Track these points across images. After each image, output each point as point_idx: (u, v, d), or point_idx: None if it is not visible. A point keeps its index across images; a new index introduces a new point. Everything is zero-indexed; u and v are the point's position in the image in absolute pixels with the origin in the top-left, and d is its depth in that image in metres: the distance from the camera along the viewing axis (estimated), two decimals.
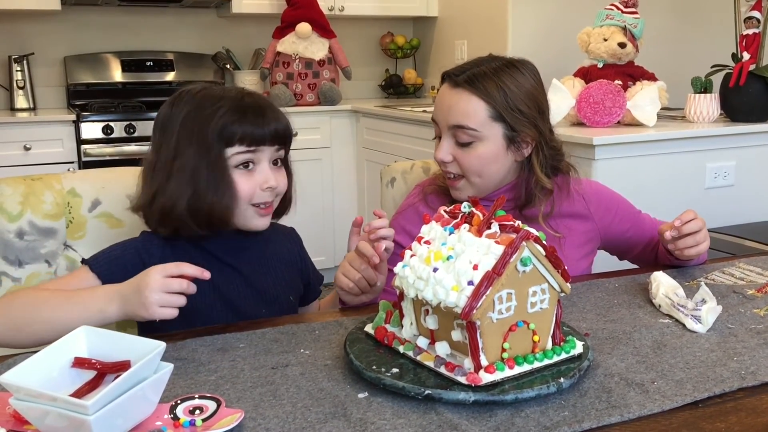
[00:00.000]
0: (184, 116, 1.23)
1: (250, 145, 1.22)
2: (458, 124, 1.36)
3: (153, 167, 1.25)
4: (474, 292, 0.86)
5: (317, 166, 3.74)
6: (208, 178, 1.20)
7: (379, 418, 0.83)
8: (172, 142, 1.23)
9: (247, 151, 1.22)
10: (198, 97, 1.25)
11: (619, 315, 1.17)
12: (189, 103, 1.24)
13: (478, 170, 1.39)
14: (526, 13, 3.45)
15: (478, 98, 1.35)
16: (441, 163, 1.41)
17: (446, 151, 1.39)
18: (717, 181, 2.44)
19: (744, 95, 2.47)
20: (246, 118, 1.21)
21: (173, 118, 1.24)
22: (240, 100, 1.23)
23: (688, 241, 1.34)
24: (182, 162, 1.21)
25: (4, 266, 1.38)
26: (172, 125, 1.24)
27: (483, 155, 1.37)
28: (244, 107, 1.22)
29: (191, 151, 1.21)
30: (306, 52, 3.77)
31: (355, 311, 1.23)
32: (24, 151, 3.20)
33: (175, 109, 1.25)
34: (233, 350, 1.05)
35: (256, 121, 1.22)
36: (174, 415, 0.83)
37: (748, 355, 1.00)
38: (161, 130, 1.26)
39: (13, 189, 1.39)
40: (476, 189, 1.41)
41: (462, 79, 1.37)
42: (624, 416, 0.84)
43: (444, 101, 1.39)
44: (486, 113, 1.35)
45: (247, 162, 1.23)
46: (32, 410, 0.77)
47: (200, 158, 1.20)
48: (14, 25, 3.67)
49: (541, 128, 1.39)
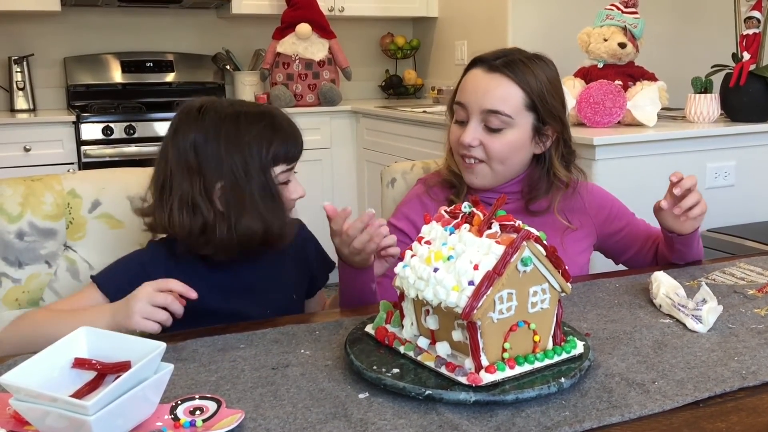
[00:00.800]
0: (223, 141, 1.19)
1: (290, 163, 1.25)
2: (493, 108, 1.36)
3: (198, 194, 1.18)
4: (475, 292, 0.86)
5: (317, 167, 3.74)
6: (269, 203, 1.21)
7: (379, 419, 0.83)
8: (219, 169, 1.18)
9: (288, 169, 1.25)
10: (226, 117, 1.20)
11: (619, 315, 1.17)
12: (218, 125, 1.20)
13: (503, 157, 1.39)
14: (526, 13, 3.45)
15: (516, 85, 1.36)
16: (466, 146, 1.39)
17: (474, 136, 1.38)
18: (717, 181, 2.44)
19: (744, 95, 2.46)
20: (286, 135, 1.24)
21: (206, 142, 1.19)
22: (271, 117, 1.24)
23: (691, 199, 1.32)
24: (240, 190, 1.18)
25: (4, 267, 1.38)
26: (208, 149, 1.19)
27: (511, 143, 1.38)
28: (277, 124, 1.24)
29: (246, 178, 1.19)
30: (306, 53, 3.77)
31: (355, 312, 1.23)
32: (24, 152, 3.20)
33: (201, 131, 1.19)
34: (233, 351, 1.05)
35: (293, 138, 1.25)
36: (174, 416, 0.83)
37: (749, 354, 1.00)
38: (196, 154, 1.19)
39: (14, 190, 1.39)
40: (494, 177, 1.42)
41: (499, 63, 1.37)
42: (625, 416, 0.84)
43: (479, 85, 1.38)
44: (521, 101, 1.37)
45: (287, 179, 1.25)
46: (32, 411, 0.77)
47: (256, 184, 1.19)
48: (14, 26, 3.67)
49: (565, 123, 1.42)
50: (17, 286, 1.39)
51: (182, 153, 1.20)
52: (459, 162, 1.45)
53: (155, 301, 1.07)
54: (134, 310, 1.06)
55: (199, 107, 1.22)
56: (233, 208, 1.19)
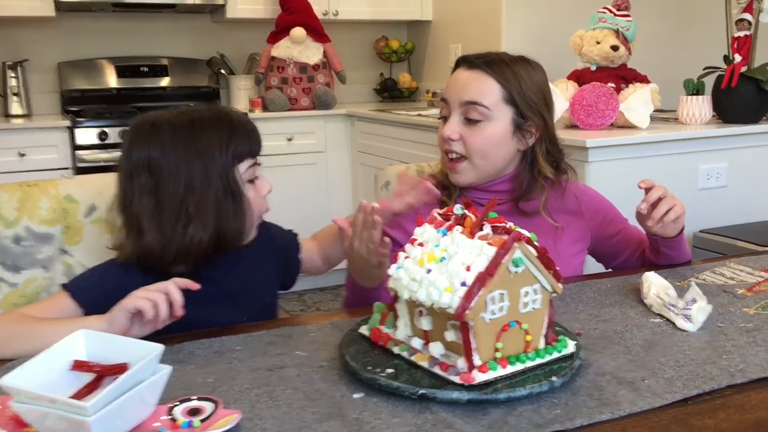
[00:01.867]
0: (181, 151, 1.17)
1: (253, 156, 1.23)
2: (471, 100, 1.39)
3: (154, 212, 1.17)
4: (467, 293, 0.88)
5: (312, 170, 3.75)
6: (230, 206, 1.18)
7: (374, 418, 0.85)
8: (176, 181, 1.16)
9: (253, 164, 1.23)
10: (180, 126, 1.18)
11: (611, 315, 1.18)
12: (174, 136, 1.18)
13: (483, 151, 1.41)
14: (520, 16, 3.48)
15: (493, 79, 1.40)
16: (446, 140, 1.42)
17: (454, 129, 1.41)
18: (710, 182, 2.46)
19: (736, 97, 2.49)
20: (244, 132, 1.22)
21: (162, 156, 1.17)
22: (226, 116, 1.22)
23: (662, 207, 1.34)
24: (199, 199, 1.17)
25: (2, 272, 1.39)
26: (165, 163, 1.16)
27: (490, 136, 1.40)
28: (233, 122, 1.22)
29: (206, 185, 1.16)
30: (300, 57, 3.78)
31: (350, 314, 1.25)
32: (19, 158, 3.20)
33: (156, 146, 1.17)
34: (230, 353, 1.06)
35: (249, 132, 1.23)
36: (172, 417, 0.84)
37: (737, 353, 1.02)
38: (150, 172, 1.17)
39: (10, 195, 1.40)
40: (477, 173, 1.43)
41: (480, 61, 1.42)
42: (615, 413, 0.85)
43: (459, 80, 1.43)
44: (499, 94, 1.40)
45: (255, 175, 1.24)
46: (32, 412, 0.78)
47: (217, 188, 1.17)
48: (8, 32, 3.68)
49: (548, 121, 1.44)
50: (14, 291, 1.40)
51: (129, 173, 1.19)
52: (444, 161, 1.48)
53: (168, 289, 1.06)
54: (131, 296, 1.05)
55: (152, 123, 1.20)
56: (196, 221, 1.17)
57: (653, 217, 1.35)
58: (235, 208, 1.19)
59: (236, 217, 1.19)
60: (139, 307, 1.04)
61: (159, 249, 1.18)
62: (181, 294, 1.07)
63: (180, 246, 1.18)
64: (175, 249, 1.18)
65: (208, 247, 1.19)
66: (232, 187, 1.19)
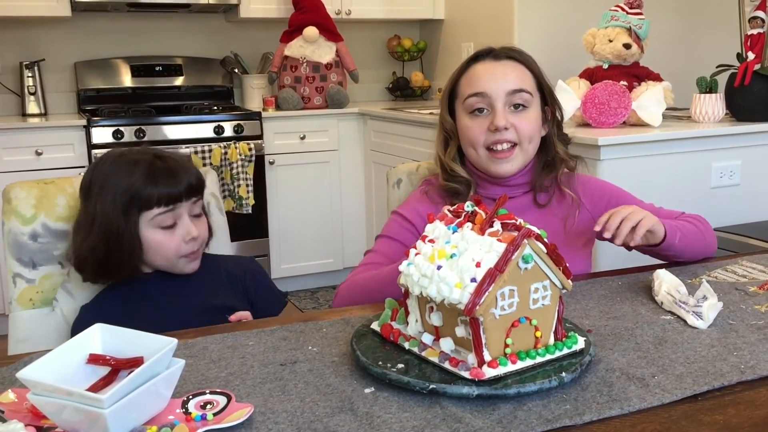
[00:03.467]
0: (102, 183, 1.34)
1: (168, 204, 1.34)
2: (516, 87, 1.43)
3: (78, 225, 1.38)
4: (477, 288, 0.88)
5: (325, 169, 3.77)
6: (118, 240, 1.32)
7: (385, 412, 0.86)
8: (91, 206, 1.34)
9: (167, 210, 1.34)
10: (115, 164, 1.35)
11: (621, 312, 1.19)
12: (107, 169, 1.35)
13: (531, 135, 1.45)
14: (532, 15, 3.47)
15: (525, 67, 1.46)
16: (500, 129, 1.41)
17: (507, 117, 1.42)
18: (723, 181, 2.45)
19: (749, 95, 2.48)
20: (159, 182, 1.32)
21: (93, 184, 1.35)
22: (151, 165, 1.33)
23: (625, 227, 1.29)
24: (99, 223, 1.32)
25: (19, 268, 1.41)
26: (92, 190, 1.35)
27: (535, 120, 1.46)
28: (155, 172, 1.33)
29: (108, 215, 1.31)
30: (313, 56, 3.80)
31: (361, 310, 1.26)
32: (36, 156, 3.24)
33: (95, 174, 1.36)
34: (242, 348, 1.07)
35: (169, 182, 1.33)
36: (186, 410, 0.86)
37: (748, 350, 1.02)
38: (85, 194, 1.37)
39: (27, 192, 1.42)
40: (523, 159, 1.46)
41: (503, 52, 1.47)
42: (624, 409, 0.86)
43: (495, 71, 1.45)
44: (532, 81, 1.46)
45: (170, 222, 1.35)
46: (49, 405, 0.80)
47: (114, 222, 1.31)
48: (25, 32, 3.72)
49: (559, 103, 1.51)
50: (31, 287, 1.42)
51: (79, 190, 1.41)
52: (483, 156, 1.45)
53: None
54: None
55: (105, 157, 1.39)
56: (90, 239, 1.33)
57: (618, 236, 1.30)
58: (118, 245, 1.32)
59: (119, 252, 1.33)
60: None
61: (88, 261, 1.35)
62: None
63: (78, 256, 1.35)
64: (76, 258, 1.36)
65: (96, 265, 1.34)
66: (128, 226, 1.32)
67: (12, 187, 1.43)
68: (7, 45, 3.69)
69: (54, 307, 1.43)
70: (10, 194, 1.42)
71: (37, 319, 1.42)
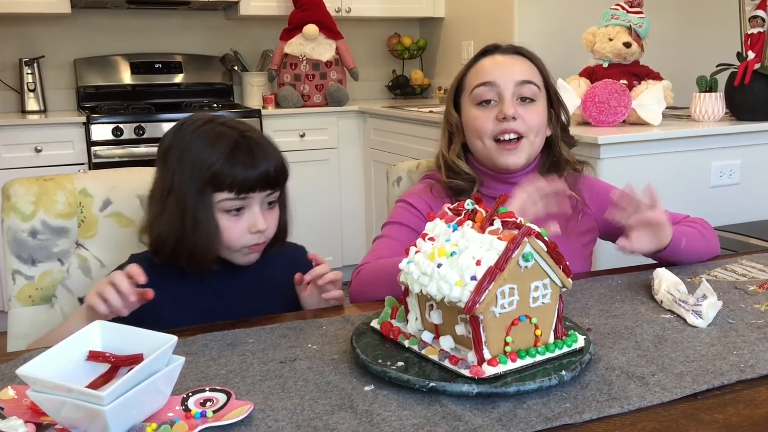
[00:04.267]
0: (183, 150, 1.24)
1: (239, 193, 1.23)
2: (525, 79, 1.43)
3: (152, 195, 1.29)
4: (477, 287, 0.88)
5: (324, 167, 3.77)
6: (194, 220, 1.22)
7: (384, 410, 0.86)
8: (168, 175, 1.25)
9: (236, 198, 1.23)
10: (199, 132, 1.25)
11: (621, 311, 1.19)
12: (189, 138, 1.25)
13: (537, 128, 1.45)
14: (532, 13, 3.47)
15: (533, 64, 1.47)
16: (508, 119, 1.41)
17: (514, 107, 1.42)
18: (722, 180, 2.45)
19: (749, 94, 2.48)
20: (236, 165, 1.22)
21: (172, 150, 1.25)
22: (235, 143, 1.23)
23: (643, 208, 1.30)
24: (175, 198, 1.23)
25: (18, 264, 1.41)
26: (171, 158, 1.25)
27: (541, 113, 1.46)
28: (236, 152, 1.22)
29: (184, 190, 1.22)
30: (313, 54, 3.80)
31: (360, 308, 1.26)
32: (35, 153, 3.24)
33: (176, 139, 1.26)
34: (242, 345, 1.07)
35: (246, 168, 1.22)
36: (186, 407, 0.86)
37: (747, 349, 1.02)
38: (162, 159, 1.28)
39: (26, 189, 1.42)
40: (529, 152, 1.45)
41: (511, 48, 1.48)
42: (624, 408, 0.86)
43: (505, 63, 1.46)
44: (539, 78, 1.47)
45: (237, 208, 1.24)
46: (48, 401, 0.80)
47: (191, 199, 1.22)
48: (25, 29, 3.71)
49: (565, 107, 1.51)
50: (30, 283, 1.41)
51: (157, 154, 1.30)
52: (491, 148, 1.44)
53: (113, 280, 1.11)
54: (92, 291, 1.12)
55: (186, 120, 1.28)
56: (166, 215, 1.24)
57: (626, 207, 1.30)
58: (194, 226, 1.22)
59: (202, 235, 1.22)
60: (92, 305, 1.11)
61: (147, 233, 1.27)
62: (128, 282, 1.12)
63: (155, 234, 1.25)
64: (152, 235, 1.26)
65: (173, 252, 1.24)
66: (205, 207, 1.22)
67: (11, 183, 1.43)
68: (6, 41, 3.68)
69: (53, 304, 1.43)
70: (10, 191, 1.41)
71: (36, 316, 1.42)
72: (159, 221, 1.24)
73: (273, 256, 1.35)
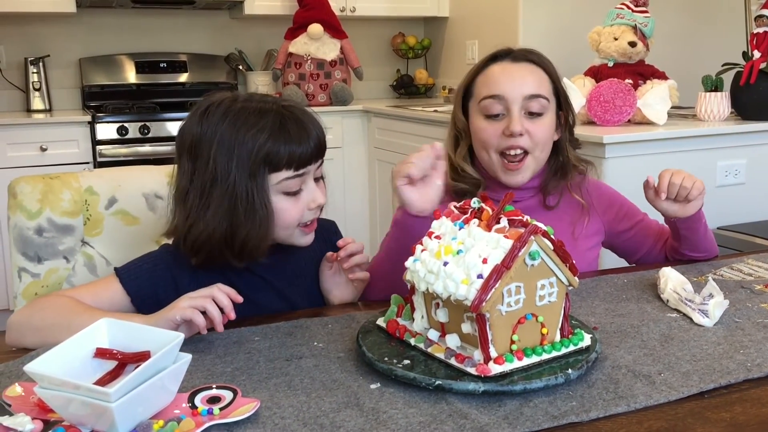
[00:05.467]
0: (219, 137, 1.13)
1: (297, 169, 1.15)
2: (534, 93, 1.40)
3: (186, 193, 1.15)
4: (483, 285, 0.88)
5: (329, 166, 3.70)
6: (248, 207, 1.12)
7: (391, 408, 0.86)
8: (209, 166, 1.13)
9: (296, 175, 1.15)
10: (232, 115, 1.14)
11: (627, 309, 1.18)
12: (223, 121, 1.14)
13: (544, 143, 1.43)
14: (537, 12, 3.47)
15: (543, 71, 1.44)
16: (515, 135, 1.39)
17: (523, 123, 1.40)
18: (728, 179, 2.44)
19: (755, 93, 2.47)
20: (291, 140, 1.13)
21: (205, 138, 1.14)
22: (281, 118, 1.14)
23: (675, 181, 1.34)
24: (223, 189, 1.12)
25: (24, 262, 1.41)
26: (205, 147, 1.13)
27: (549, 127, 1.44)
28: (286, 127, 1.13)
29: (232, 178, 1.12)
30: (318, 53, 3.80)
31: (366, 306, 1.26)
32: (40, 152, 3.24)
33: (205, 127, 1.14)
34: (249, 343, 1.07)
35: (300, 140, 1.14)
36: (192, 404, 0.86)
37: (754, 348, 1.02)
38: (191, 151, 1.15)
39: (32, 187, 1.42)
40: (535, 167, 1.44)
41: (523, 54, 1.45)
42: (630, 406, 0.86)
43: (513, 74, 1.42)
44: (550, 86, 1.44)
45: (297, 188, 1.16)
46: (56, 398, 0.80)
47: (242, 185, 1.12)
48: (30, 28, 3.72)
49: (573, 108, 1.49)
50: (36, 281, 1.42)
51: (178, 149, 1.19)
52: (496, 162, 1.43)
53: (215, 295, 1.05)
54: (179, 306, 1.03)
55: (210, 103, 1.18)
56: (213, 208, 1.13)
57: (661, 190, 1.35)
58: (257, 213, 1.13)
59: (256, 222, 1.13)
60: (186, 317, 1.02)
61: (184, 232, 1.15)
62: (228, 299, 1.06)
63: (196, 233, 1.14)
64: (192, 235, 1.14)
65: (220, 244, 1.14)
66: (260, 191, 1.13)
67: (17, 181, 1.43)
68: (12, 41, 3.69)
69: None
70: (16, 189, 1.42)
71: None
72: (202, 218, 1.13)
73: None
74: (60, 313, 1.11)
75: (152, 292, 1.18)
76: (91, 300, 1.15)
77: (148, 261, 1.23)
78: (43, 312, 1.12)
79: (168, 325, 1.02)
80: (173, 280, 1.20)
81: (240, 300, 1.08)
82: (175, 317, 1.03)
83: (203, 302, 1.04)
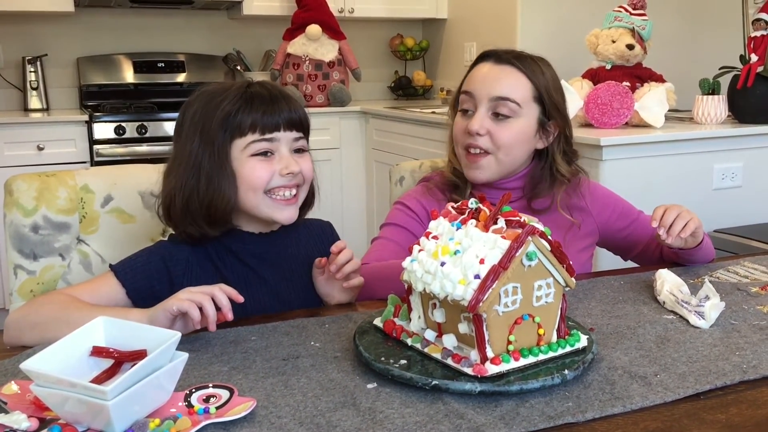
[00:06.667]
0: (192, 113, 1.22)
1: (264, 133, 1.19)
2: (503, 95, 1.39)
3: (166, 171, 1.25)
4: (480, 285, 0.88)
5: (327, 167, 3.76)
6: (209, 171, 1.18)
7: (387, 407, 0.86)
8: (183, 143, 1.22)
9: (263, 139, 1.19)
10: (206, 93, 1.23)
11: (624, 311, 1.19)
12: (198, 100, 1.23)
13: (509, 147, 1.41)
14: (535, 14, 3.47)
15: (524, 76, 1.41)
16: (473, 135, 1.40)
17: (482, 123, 1.40)
18: (724, 182, 2.45)
19: (752, 97, 2.48)
20: (253, 106, 1.19)
21: (184, 123, 1.24)
22: (246, 89, 1.21)
23: (678, 224, 1.33)
24: (190, 160, 1.20)
25: (20, 259, 1.41)
26: (183, 130, 1.23)
27: (518, 132, 1.41)
28: (250, 96, 1.20)
29: (194, 145, 1.20)
30: (316, 54, 3.80)
31: (363, 306, 1.26)
32: (37, 151, 3.24)
33: (187, 109, 1.25)
34: (245, 343, 1.07)
35: (264, 108, 1.19)
36: (189, 403, 0.86)
37: (750, 349, 1.02)
38: (176, 132, 1.26)
39: (28, 184, 1.42)
40: (498, 169, 1.43)
41: (509, 56, 1.43)
42: (626, 407, 0.86)
43: (488, 74, 1.42)
44: (530, 92, 1.41)
45: (265, 151, 1.20)
46: (52, 396, 0.80)
47: (202, 151, 1.19)
48: (28, 27, 3.71)
49: (567, 120, 1.46)
50: (32, 278, 1.42)
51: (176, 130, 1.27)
52: (462, 156, 1.46)
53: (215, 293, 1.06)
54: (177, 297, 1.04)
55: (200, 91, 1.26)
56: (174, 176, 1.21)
57: (671, 234, 1.32)
58: (217, 175, 1.19)
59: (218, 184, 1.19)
60: (183, 309, 1.03)
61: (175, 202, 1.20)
62: (228, 300, 1.06)
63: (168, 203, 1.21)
64: (170, 209, 1.21)
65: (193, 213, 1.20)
66: (219, 155, 1.19)
67: (14, 179, 1.43)
68: (9, 40, 3.69)
69: None
70: (12, 186, 1.41)
71: None
72: (170, 187, 1.21)
73: (300, 231, 1.33)
74: (59, 309, 1.11)
75: (148, 285, 1.19)
76: (89, 297, 1.17)
77: (142, 255, 1.25)
78: (41, 308, 1.13)
79: (165, 316, 1.04)
80: (167, 273, 1.21)
81: (241, 300, 1.08)
82: (172, 308, 1.04)
83: (201, 298, 1.04)
